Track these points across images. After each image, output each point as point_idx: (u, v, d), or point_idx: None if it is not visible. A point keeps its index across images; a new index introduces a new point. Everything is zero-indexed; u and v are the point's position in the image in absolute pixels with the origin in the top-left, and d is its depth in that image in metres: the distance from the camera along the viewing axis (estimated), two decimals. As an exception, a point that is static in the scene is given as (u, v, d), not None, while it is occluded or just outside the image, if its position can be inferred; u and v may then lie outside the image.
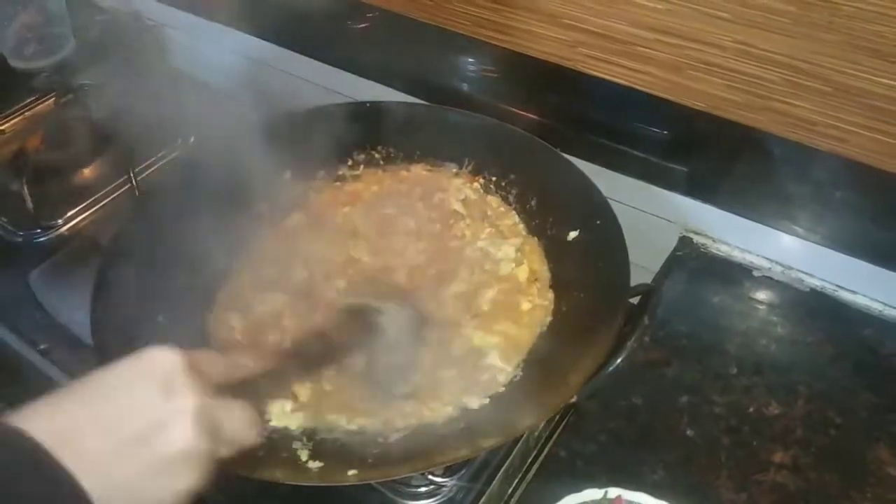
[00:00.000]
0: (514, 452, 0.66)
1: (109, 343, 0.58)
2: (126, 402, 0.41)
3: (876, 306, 0.79)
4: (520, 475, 0.67)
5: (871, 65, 0.60)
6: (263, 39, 1.10)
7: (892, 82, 0.60)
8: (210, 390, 0.44)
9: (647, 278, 0.79)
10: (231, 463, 0.45)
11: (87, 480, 0.38)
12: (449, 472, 0.63)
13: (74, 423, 0.39)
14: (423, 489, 0.64)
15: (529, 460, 0.68)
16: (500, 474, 0.64)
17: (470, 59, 0.96)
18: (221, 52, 1.13)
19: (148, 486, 0.41)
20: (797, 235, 0.80)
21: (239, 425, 0.45)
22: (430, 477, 0.63)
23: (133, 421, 0.41)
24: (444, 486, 0.64)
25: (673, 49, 0.68)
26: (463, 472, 0.64)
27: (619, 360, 0.55)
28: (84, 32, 1.20)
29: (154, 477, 0.41)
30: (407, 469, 0.56)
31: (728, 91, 0.68)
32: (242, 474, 0.50)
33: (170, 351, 0.43)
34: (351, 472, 0.52)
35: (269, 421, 0.58)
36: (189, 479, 0.42)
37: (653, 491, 0.62)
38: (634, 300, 0.64)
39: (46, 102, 1.08)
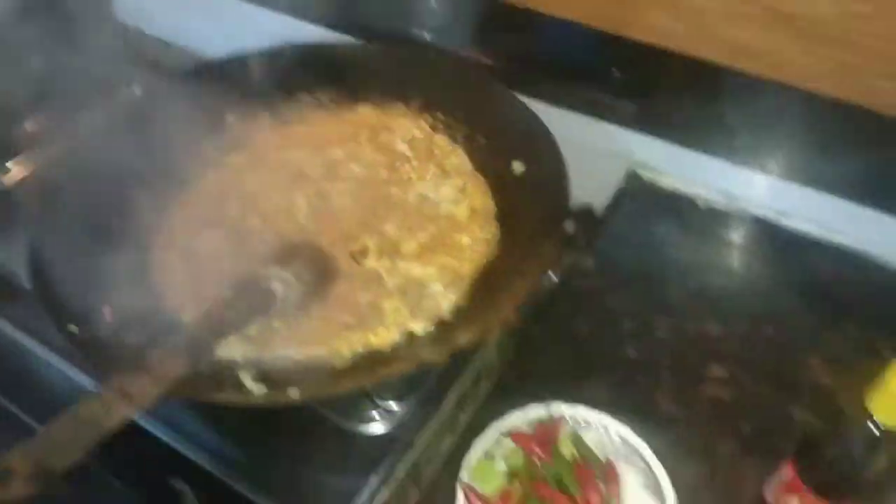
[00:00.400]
0: (461, 376, 0.68)
1: (46, 281, 0.58)
2: None
3: (815, 231, 0.82)
4: (468, 398, 0.69)
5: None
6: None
7: (825, 7, 0.62)
8: None
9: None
10: (176, 389, 0.46)
11: None
12: (400, 397, 0.65)
13: None
14: (373, 414, 0.65)
15: (476, 385, 0.70)
16: (446, 398, 0.66)
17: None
18: (166, 4, 1.12)
19: None
20: (741, 164, 0.82)
21: None
22: (381, 402, 0.65)
23: None
24: (395, 411, 0.65)
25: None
26: (412, 397, 0.66)
27: (553, 278, 0.57)
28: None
29: None
30: (347, 384, 0.57)
31: (673, 20, 0.69)
32: (187, 397, 0.51)
33: None
34: (292, 391, 0.53)
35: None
36: None
37: (595, 406, 0.65)
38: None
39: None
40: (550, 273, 0.57)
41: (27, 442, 0.39)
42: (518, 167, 0.74)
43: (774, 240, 0.83)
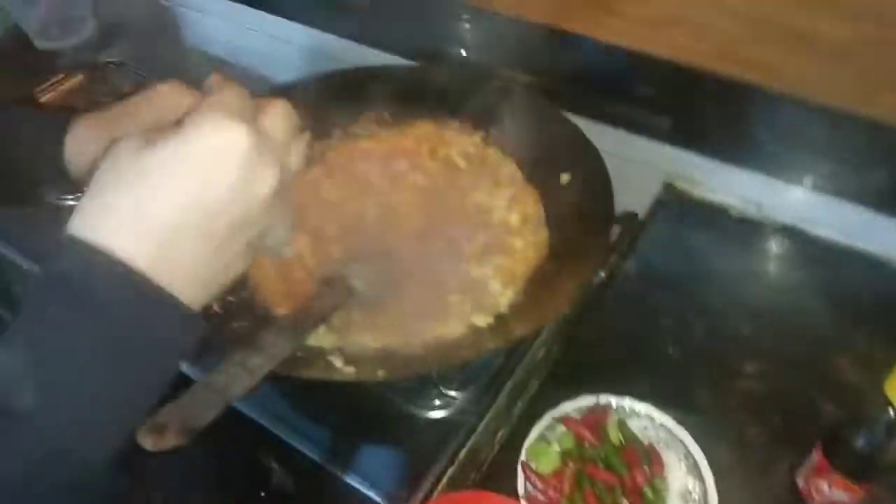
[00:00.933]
0: (517, 370, 0.75)
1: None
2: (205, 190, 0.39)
3: (842, 239, 0.87)
4: (522, 389, 0.76)
5: (823, 15, 0.68)
6: (271, 13, 1.17)
7: (842, 31, 0.68)
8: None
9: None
10: (282, 367, 0.54)
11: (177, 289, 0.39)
12: (461, 386, 0.73)
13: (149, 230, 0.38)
14: (438, 402, 0.73)
15: (531, 377, 0.76)
16: (504, 389, 0.73)
17: (464, 25, 1.03)
18: (230, 27, 1.21)
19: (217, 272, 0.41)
20: (769, 175, 0.89)
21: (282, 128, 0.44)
22: (444, 391, 0.72)
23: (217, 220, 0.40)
24: (455, 399, 0.73)
25: (642, 3, 0.76)
26: (472, 386, 0.73)
27: (602, 275, 0.64)
28: (103, 13, 1.28)
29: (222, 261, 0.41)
30: (423, 367, 0.65)
31: (698, 42, 0.76)
32: (285, 374, 0.58)
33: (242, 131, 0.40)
34: (381, 372, 0.61)
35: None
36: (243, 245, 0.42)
37: (639, 397, 0.71)
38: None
39: (75, 80, 1.15)
40: (600, 273, 0.64)
41: (174, 401, 0.47)
42: (565, 178, 0.81)
43: (803, 247, 0.88)
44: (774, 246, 0.89)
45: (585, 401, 0.72)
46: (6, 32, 1.23)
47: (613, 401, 0.71)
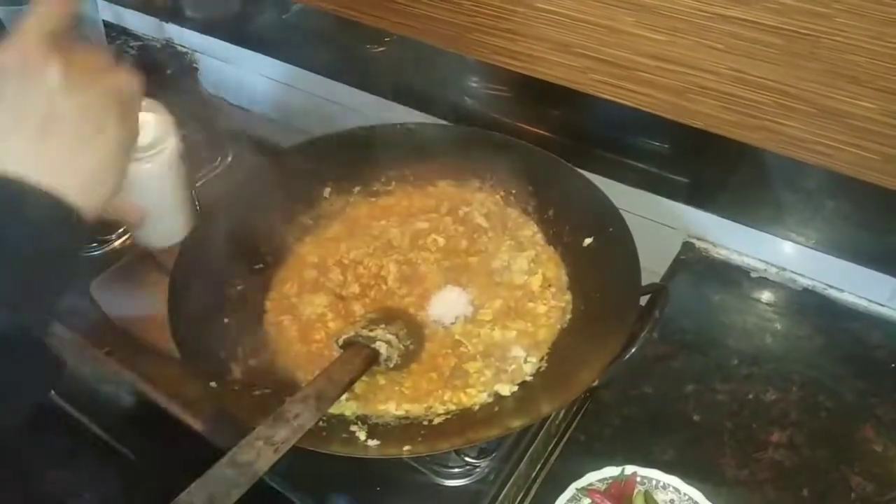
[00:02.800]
0: (538, 437, 0.73)
1: (188, 343, 0.66)
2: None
3: (862, 303, 0.87)
4: (544, 457, 0.74)
5: (850, 90, 0.69)
6: (288, 63, 1.18)
7: (868, 105, 0.68)
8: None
9: (653, 279, 0.87)
10: (299, 441, 0.53)
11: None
12: (482, 454, 0.71)
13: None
14: (458, 469, 0.71)
15: (552, 444, 0.75)
16: (526, 456, 0.72)
17: (484, 81, 1.04)
18: (249, 76, 1.22)
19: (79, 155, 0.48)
20: (790, 240, 0.89)
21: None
22: (466, 458, 0.71)
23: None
24: (477, 466, 0.71)
25: (673, 75, 0.77)
26: (494, 454, 0.71)
27: (633, 350, 0.63)
28: (121, 60, 1.28)
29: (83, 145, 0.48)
30: (448, 445, 0.63)
31: (724, 112, 0.77)
32: (309, 449, 0.57)
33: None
34: (406, 448, 0.60)
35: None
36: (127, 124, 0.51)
37: (665, 468, 0.70)
38: (643, 299, 0.73)
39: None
40: (631, 349, 0.63)
41: (201, 479, 0.46)
42: (588, 241, 0.80)
43: (823, 310, 0.88)
44: (794, 309, 0.88)
45: (610, 471, 0.70)
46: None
47: (639, 472, 0.70)
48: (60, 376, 0.48)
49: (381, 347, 0.68)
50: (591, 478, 0.70)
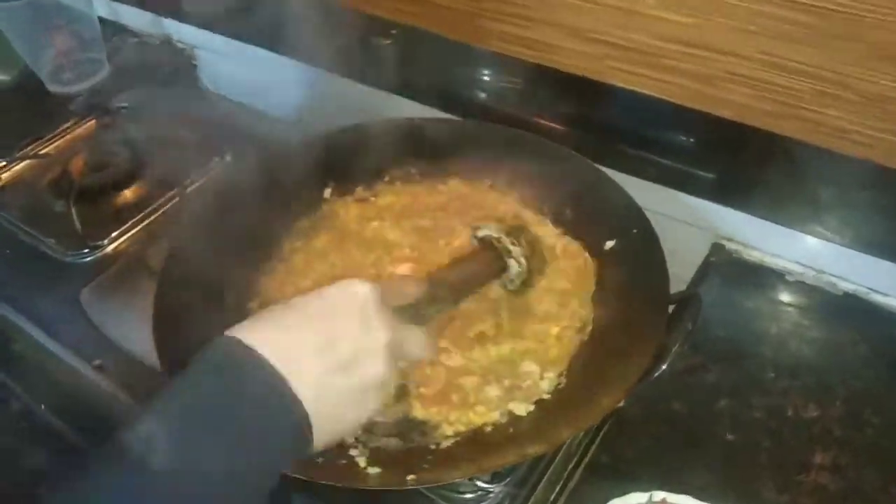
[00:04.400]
0: (557, 458, 0.67)
1: (175, 361, 0.60)
2: (334, 330, 0.46)
3: (908, 308, 0.80)
4: (563, 480, 0.68)
5: (894, 73, 0.62)
6: (290, 57, 1.12)
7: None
8: (394, 319, 0.49)
9: (679, 285, 0.81)
10: (293, 469, 0.47)
11: (303, 396, 0.43)
12: (496, 478, 0.65)
13: (293, 343, 0.45)
14: (470, 495, 0.65)
15: (572, 465, 0.69)
16: (544, 480, 0.66)
17: (496, 73, 0.98)
18: (249, 72, 1.17)
19: (344, 410, 0.47)
20: (828, 240, 0.81)
21: (416, 347, 0.51)
22: (478, 483, 0.65)
23: (340, 350, 0.46)
24: (490, 491, 0.65)
25: (701, 61, 0.70)
26: (508, 478, 0.65)
27: (663, 367, 0.57)
28: (118, 57, 1.24)
29: (350, 402, 0.47)
30: (458, 474, 0.58)
31: (757, 101, 0.70)
32: (305, 479, 0.52)
33: (365, 285, 0.49)
34: (410, 477, 0.54)
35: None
36: (375, 404, 0.48)
37: (697, 494, 0.64)
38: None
39: (86, 125, 1.11)
40: (661, 366, 0.57)
41: None
42: (610, 244, 0.74)
43: (867, 316, 0.81)
44: (837, 316, 0.81)
45: (637, 498, 0.64)
46: (19, 76, 1.20)
47: (668, 498, 0.64)
48: None
49: (513, 267, 0.66)
50: (617, 505, 0.63)
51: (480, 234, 0.69)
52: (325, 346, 0.45)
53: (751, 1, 0.64)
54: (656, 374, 0.57)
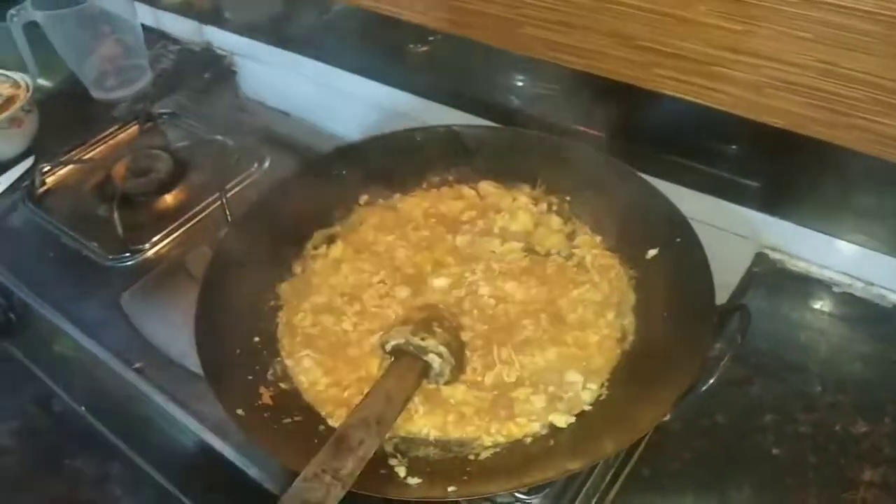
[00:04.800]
0: (595, 471, 0.66)
1: (214, 364, 0.61)
2: None
3: (964, 323, 0.77)
4: (601, 493, 0.67)
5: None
6: (329, 65, 1.13)
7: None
8: None
9: (722, 295, 0.79)
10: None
11: None
12: (534, 490, 0.64)
13: None
14: (508, 507, 0.64)
15: (610, 477, 0.68)
16: (582, 493, 0.65)
17: (535, 81, 0.97)
18: (289, 79, 1.18)
19: None
20: (878, 250, 0.79)
21: None
22: (515, 494, 0.64)
23: None
24: (528, 503, 0.64)
25: (751, 69, 0.69)
26: (546, 490, 0.64)
27: (711, 381, 0.55)
28: (159, 64, 1.26)
29: None
30: (498, 487, 0.57)
31: (810, 109, 0.68)
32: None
33: None
34: (451, 489, 0.53)
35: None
36: None
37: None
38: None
39: (128, 131, 1.13)
40: (709, 380, 0.55)
41: None
42: (652, 253, 0.73)
43: (920, 330, 0.78)
44: (887, 329, 0.79)
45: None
46: (63, 82, 1.23)
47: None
48: None
49: (434, 361, 0.62)
50: (659, 521, 0.62)
51: (389, 347, 0.65)
52: None
53: (808, 8, 0.62)
54: (703, 389, 0.55)
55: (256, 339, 0.69)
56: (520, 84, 0.99)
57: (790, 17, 0.63)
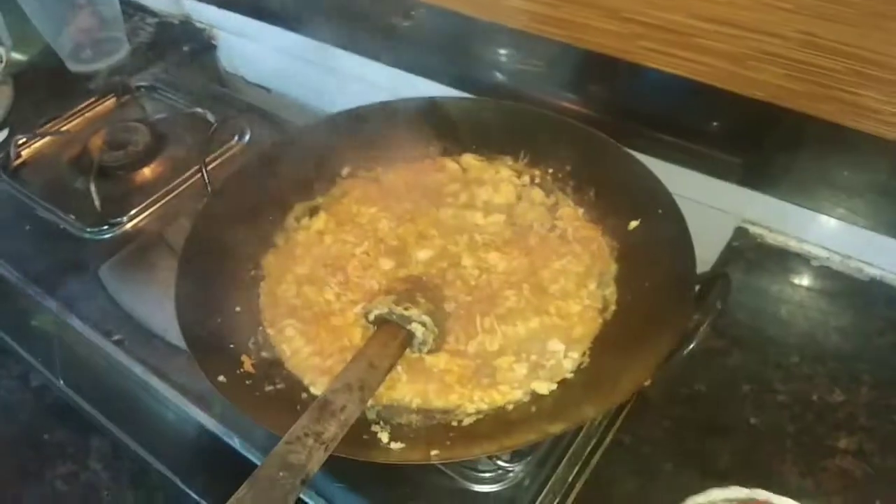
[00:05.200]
0: (577, 438, 0.67)
1: (195, 331, 0.60)
2: None
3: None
4: (583, 460, 0.68)
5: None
6: (309, 38, 1.12)
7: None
8: None
9: (703, 269, 0.79)
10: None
11: None
12: (516, 457, 0.65)
13: None
14: (489, 474, 0.65)
15: (592, 445, 0.68)
16: (564, 460, 0.66)
17: (519, 54, 0.97)
18: (268, 52, 1.16)
19: None
20: (856, 224, 0.80)
21: None
22: (498, 462, 0.64)
23: None
24: (510, 470, 0.65)
25: (733, 40, 0.69)
26: (529, 458, 0.65)
27: (692, 345, 0.56)
28: (137, 36, 1.24)
29: None
30: (480, 450, 0.57)
31: (790, 81, 0.69)
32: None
33: None
34: (433, 453, 0.53)
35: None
36: None
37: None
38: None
39: (105, 103, 1.11)
40: (689, 345, 0.56)
41: (250, 482, 0.40)
42: (634, 224, 0.73)
43: (893, 302, 0.80)
44: (864, 301, 0.80)
45: (722, 494, 0.62)
46: (39, 54, 1.20)
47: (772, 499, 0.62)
48: None
49: (417, 330, 0.62)
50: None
51: (372, 316, 0.64)
52: None
53: (790, -21, 0.62)
54: (685, 353, 0.56)
55: (238, 308, 0.68)
56: (503, 59, 0.98)
57: (774, -13, 0.63)
